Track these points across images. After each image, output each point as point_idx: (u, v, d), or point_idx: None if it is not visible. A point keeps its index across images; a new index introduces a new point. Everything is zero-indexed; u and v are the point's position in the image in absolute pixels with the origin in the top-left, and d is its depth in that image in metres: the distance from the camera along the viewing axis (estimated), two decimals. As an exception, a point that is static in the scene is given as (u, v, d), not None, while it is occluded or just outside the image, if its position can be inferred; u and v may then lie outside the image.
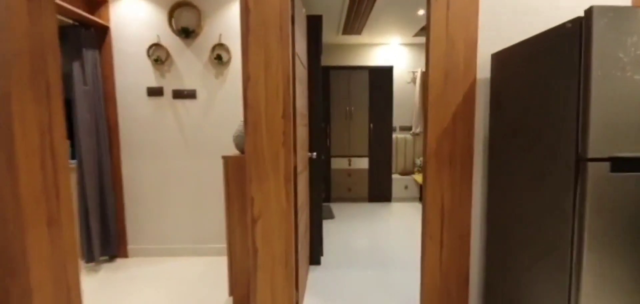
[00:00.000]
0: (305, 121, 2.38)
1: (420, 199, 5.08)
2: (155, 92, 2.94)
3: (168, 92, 2.94)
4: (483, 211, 1.82)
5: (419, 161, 5.15)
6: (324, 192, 5.05)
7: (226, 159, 2.07)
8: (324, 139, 4.96)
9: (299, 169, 1.97)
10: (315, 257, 2.86)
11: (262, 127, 1.74)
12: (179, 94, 2.94)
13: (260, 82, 1.72)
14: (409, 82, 5.37)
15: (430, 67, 1.75)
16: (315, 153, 2.65)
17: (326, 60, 5.28)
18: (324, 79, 4.92)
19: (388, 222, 4.09)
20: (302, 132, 2.20)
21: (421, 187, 5.01)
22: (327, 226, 3.93)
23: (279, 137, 1.74)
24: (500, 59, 1.65)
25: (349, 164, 5.04)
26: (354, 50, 5.31)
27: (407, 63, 5.34)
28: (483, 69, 1.75)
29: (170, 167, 3.00)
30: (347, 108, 4.98)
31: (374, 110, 4.96)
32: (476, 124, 1.77)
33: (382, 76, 4.93)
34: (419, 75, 5.20)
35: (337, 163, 5.03)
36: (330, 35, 4.80)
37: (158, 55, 2.88)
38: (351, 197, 5.09)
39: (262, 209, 1.79)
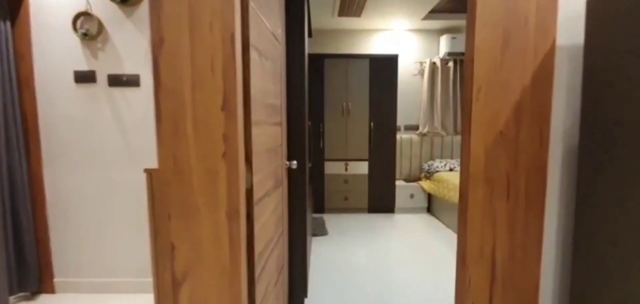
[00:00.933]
0: (278, 117, 1.66)
1: (428, 210, 4.36)
2: (85, 77, 2.21)
3: (102, 78, 2.21)
4: (563, 267, 1.10)
5: (426, 166, 4.42)
6: (314, 205, 4.33)
7: (150, 174, 1.34)
8: (317, 140, 4.24)
9: (259, 193, 1.24)
10: (296, 299, 2.14)
11: (185, 127, 1.01)
12: (116, 81, 2.21)
13: (183, 49, 0.99)
14: (415, 75, 4.64)
15: (478, 29, 1.02)
16: (295, 162, 1.92)
17: (320, 46, 4.55)
18: (318, 69, 4.19)
19: (392, 240, 3.37)
20: (270, 133, 1.47)
21: (430, 198, 4.29)
22: (318, 246, 3.21)
23: (216, 144, 1.02)
24: (605, 7, 0.92)
25: (346, 169, 4.32)
26: (353, 36, 4.58)
27: (414, 52, 4.61)
28: (569, 28, 1.02)
29: (108, 177, 2.28)
30: (344, 104, 4.25)
31: (375, 106, 4.24)
32: (554, 122, 1.05)
33: (385, 66, 4.19)
34: (427, 66, 4.47)
35: (332, 168, 4.31)
36: (324, 17, 4.07)
37: (88, 28, 2.15)
38: (348, 208, 4.36)
39: (189, 265, 1.07)
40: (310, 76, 4.12)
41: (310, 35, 3.35)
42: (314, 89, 4.20)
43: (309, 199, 2.96)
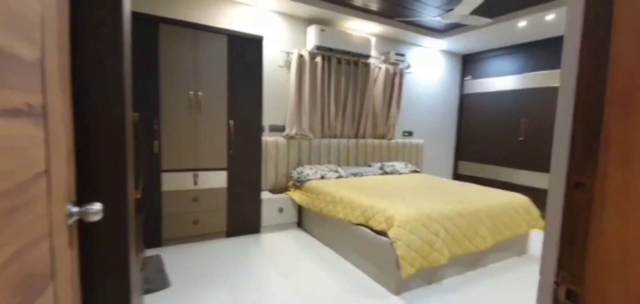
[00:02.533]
0: (27, 92, 0.57)
1: (299, 224, 3.78)
2: None
3: None
4: None
5: (296, 174, 3.83)
6: (144, 239, 2.99)
7: None
8: (149, 143, 2.90)
9: None
10: None
11: None
12: None
13: None
14: (281, 66, 3.97)
15: None
16: (99, 205, 0.81)
17: (152, 4, 3.20)
18: (149, 37, 2.87)
19: (261, 270, 2.54)
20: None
21: (300, 210, 3.72)
22: (154, 314, 2.01)
23: None
24: None
25: (196, 183, 3.17)
26: (203, 2, 3.46)
27: (280, 40, 3.93)
28: None
29: None
30: (192, 93, 3.09)
31: (236, 99, 3.29)
32: None
33: (249, 48, 3.31)
34: (295, 58, 3.88)
35: (174, 182, 3.07)
36: (161, -37, 2.79)
37: None
38: (200, 234, 3.23)
39: None
40: (136, 46, 2.75)
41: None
42: (143, 66, 2.85)
43: (138, 238, 1.75)
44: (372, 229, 2.54)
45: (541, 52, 4.43)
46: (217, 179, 3.27)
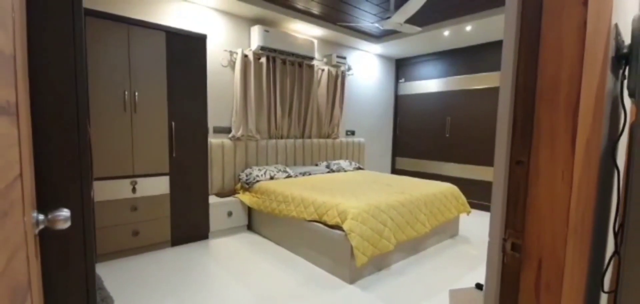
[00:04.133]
0: (8, 91, 0.52)
1: (249, 226, 3.73)
2: None
3: None
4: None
5: (244, 176, 3.77)
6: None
7: None
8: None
9: None
10: None
11: None
12: None
13: None
14: (225, 66, 3.87)
15: None
16: (66, 212, 0.75)
17: None
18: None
19: (210, 278, 2.47)
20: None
21: (250, 212, 3.67)
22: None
23: None
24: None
25: (134, 191, 2.93)
26: (139, -3, 3.21)
27: (223, 39, 3.83)
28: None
29: None
30: (127, 93, 2.86)
31: (178, 100, 3.12)
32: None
33: (191, 47, 3.17)
34: (239, 58, 3.82)
35: (109, 191, 2.80)
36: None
37: None
38: (141, 247, 2.99)
39: None
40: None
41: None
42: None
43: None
44: (326, 224, 2.65)
45: (462, 58, 5.06)
46: (159, 185, 3.06)
